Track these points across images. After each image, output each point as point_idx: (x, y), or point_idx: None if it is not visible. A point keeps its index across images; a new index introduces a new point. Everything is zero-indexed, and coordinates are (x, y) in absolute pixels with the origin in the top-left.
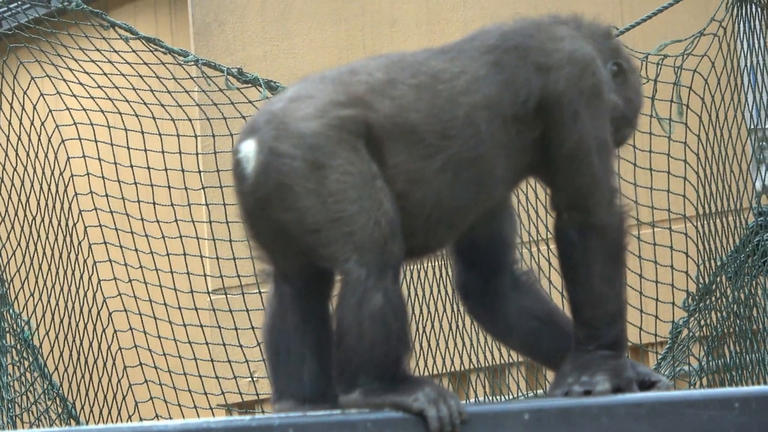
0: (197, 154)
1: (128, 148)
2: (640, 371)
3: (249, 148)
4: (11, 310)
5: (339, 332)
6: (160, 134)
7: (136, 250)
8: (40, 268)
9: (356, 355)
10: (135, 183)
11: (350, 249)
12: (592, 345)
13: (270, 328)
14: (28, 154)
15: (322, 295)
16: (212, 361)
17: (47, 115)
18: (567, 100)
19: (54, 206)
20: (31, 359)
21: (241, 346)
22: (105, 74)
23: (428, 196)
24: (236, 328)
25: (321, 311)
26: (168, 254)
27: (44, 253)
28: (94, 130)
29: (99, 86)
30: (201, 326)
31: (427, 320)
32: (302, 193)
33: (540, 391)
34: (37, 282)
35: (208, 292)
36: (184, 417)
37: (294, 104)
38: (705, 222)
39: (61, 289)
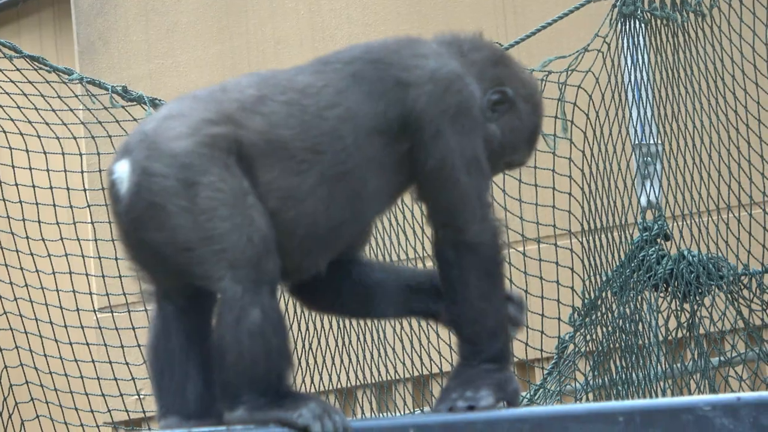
0: (82, 172)
1: (13, 166)
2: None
3: (122, 169)
4: None
5: (219, 350)
6: (45, 153)
7: (21, 268)
8: None
9: (238, 373)
10: (20, 201)
11: (224, 266)
12: (476, 360)
13: (154, 347)
14: None
15: (205, 313)
16: (98, 379)
17: None
18: (428, 119)
19: None
20: None
21: (127, 363)
22: None
23: (302, 214)
24: (122, 346)
25: (205, 328)
26: (54, 272)
27: None
28: None
29: None
30: (87, 344)
31: (313, 337)
32: (174, 211)
33: (426, 408)
34: None
35: (94, 310)
36: None
37: (166, 123)
38: (590, 237)
39: None
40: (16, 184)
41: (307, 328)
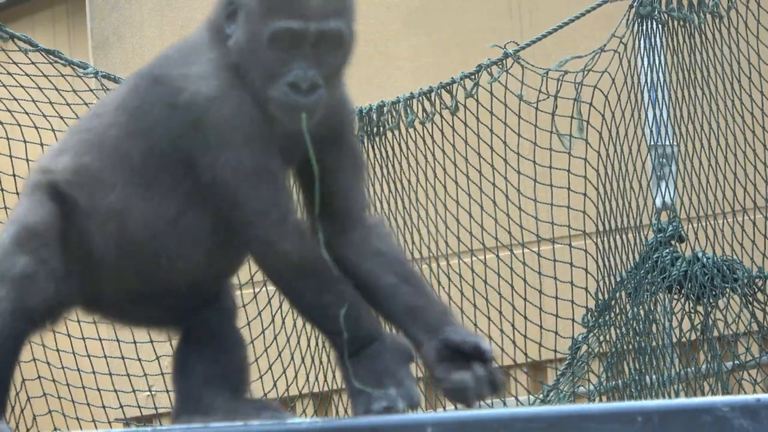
0: None
1: (27, 160)
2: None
3: None
4: None
5: None
6: None
7: None
8: None
9: None
10: None
11: None
12: (354, 346)
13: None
14: None
15: (223, 317)
16: (111, 374)
17: None
18: (192, 139)
19: None
20: None
21: (139, 359)
22: (4, 86)
23: (137, 230)
24: (135, 342)
25: (219, 332)
26: None
27: None
28: None
29: None
30: (100, 339)
31: (319, 336)
32: None
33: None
34: None
35: None
36: (82, 430)
37: None
38: (605, 238)
39: None
40: None
41: (312, 327)
